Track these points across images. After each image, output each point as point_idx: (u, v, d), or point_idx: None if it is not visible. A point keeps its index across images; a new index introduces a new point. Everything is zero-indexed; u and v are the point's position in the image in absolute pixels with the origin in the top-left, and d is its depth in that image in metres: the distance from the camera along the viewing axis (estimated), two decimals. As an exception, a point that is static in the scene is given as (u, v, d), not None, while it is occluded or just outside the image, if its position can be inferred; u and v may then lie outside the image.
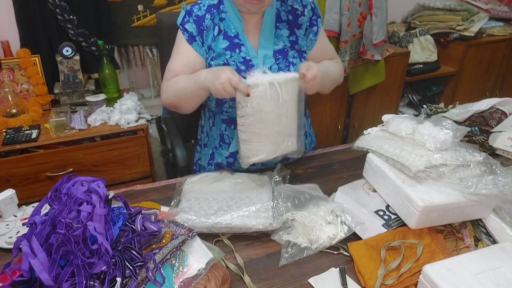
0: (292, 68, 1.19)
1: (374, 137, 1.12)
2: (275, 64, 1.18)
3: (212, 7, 1.17)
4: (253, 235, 0.97)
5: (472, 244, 0.93)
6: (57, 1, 1.84)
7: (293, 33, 1.21)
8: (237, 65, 1.16)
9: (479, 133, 1.18)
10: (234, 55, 1.16)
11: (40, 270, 0.68)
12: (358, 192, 1.09)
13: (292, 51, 1.21)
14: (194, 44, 1.16)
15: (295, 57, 1.21)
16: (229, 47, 1.16)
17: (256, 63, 1.16)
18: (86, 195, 0.78)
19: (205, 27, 1.15)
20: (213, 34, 1.16)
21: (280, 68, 1.18)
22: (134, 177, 1.89)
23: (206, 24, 1.15)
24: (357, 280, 0.85)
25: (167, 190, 1.16)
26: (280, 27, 1.20)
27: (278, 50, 1.19)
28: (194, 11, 1.17)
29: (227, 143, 1.27)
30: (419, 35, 2.71)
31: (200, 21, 1.16)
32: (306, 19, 1.23)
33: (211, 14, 1.16)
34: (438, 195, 0.91)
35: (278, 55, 1.18)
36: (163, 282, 0.77)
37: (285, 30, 1.21)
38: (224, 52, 1.15)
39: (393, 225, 0.97)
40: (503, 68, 3.02)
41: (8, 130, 1.73)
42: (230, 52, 1.16)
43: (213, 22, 1.16)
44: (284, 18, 1.21)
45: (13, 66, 1.85)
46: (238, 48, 1.16)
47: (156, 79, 2.35)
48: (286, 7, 1.21)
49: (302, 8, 1.22)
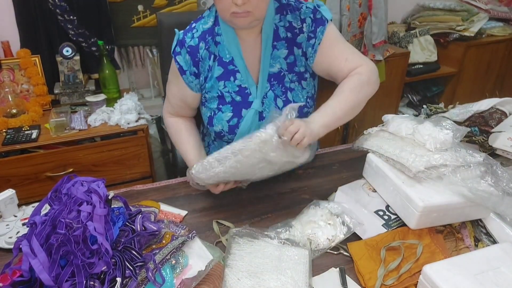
0: (290, 95, 1.09)
1: (374, 137, 1.12)
2: (270, 90, 1.08)
3: (206, 34, 1.06)
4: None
5: (472, 244, 0.93)
6: (57, 1, 1.84)
7: (291, 53, 1.09)
8: (232, 96, 1.09)
9: (479, 134, 1.18)
10: (228, 84, 1.08)
11: (40, 270, 0.68)
12: (358, 192, 1.09)
13: (290, 75, 1.09)
14: (184, 77, 1.10)
15: (293, 81, 1.10)
16: (223, 75, 1.08)
17: (252, 91, 1.08)
18: (86, 195, 0.78)
19: (200, 58, 1.07)
20: (209, 64, 1.08)
21: (277, 95, 1.09)
22: (134, 177, 1.90)
23: (201, 54, 1.06)
24: (357, 280, 0.85)
25: (167, 190, 1.16)
26: (277, 46, 1.07)
27: (273, 74, 1.08)
28: (186, 41, 1.07)
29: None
30: (419, 36, 2.71)
31: (194, 52, 1.06)
32: (305, 36, 1.07)
33: (205, 42, 1.06)
34: (438, 196, 0.91)
35: (273, 80, 1.08)
36: (163, 282, 0.77)
37: (283, 49, 1.08)
38: (217, 83, 1.09)
39: (393, 225, 0.97)
40: (503, 69, 3.01)
41: (8, 130, 1.73)
42: (223, 82, 1.08)
43: (208, 51, 1.07)
44: (282, 35, 1.07)
45: (13, 66, 1.85)
46: (233, 76, 1.08)
47: (156, 80, 2.35)
48: (284, 22, 1.07)
49: (300, 24, 1.07)
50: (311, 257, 0.88)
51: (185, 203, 1.10)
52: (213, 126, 1.13)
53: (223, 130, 1.12)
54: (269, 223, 1.00)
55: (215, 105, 1.11)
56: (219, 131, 1.13)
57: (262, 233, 0.93)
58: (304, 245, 0.91)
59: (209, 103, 1.13)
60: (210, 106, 1.13)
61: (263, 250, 0.88)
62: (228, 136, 1.13)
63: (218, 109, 1.11)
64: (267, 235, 0.93)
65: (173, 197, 1.13)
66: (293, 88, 1.11)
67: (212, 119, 1.13)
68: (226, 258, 0.86)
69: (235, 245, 0.90)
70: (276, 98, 1.10)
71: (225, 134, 1.13)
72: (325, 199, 1.11)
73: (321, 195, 1.13)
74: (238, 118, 1.10)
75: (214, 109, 1.12)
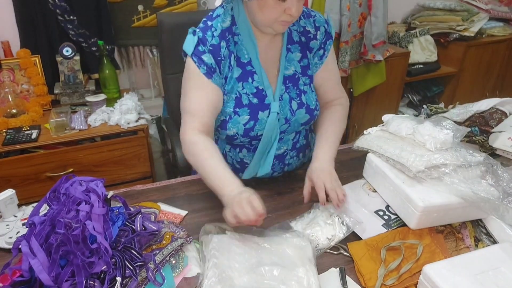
0: (304, 97, 1.09)
1: (374, 137, 1.11)
2: (285, 92, 1.08)
3: (226, 32, 1.02)
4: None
5: (472, 244, 0.93)
6: (57, 1, 1.84)
7: (305, 56, 1.10)
8: (249, 99, 1.05)
9: (479, 134, 1.18)
10: (246, 86, 1.05)
11: (40, 270, 0.68)
12: (358, 192, 1.09)
13: (303, 78, 1.10)
14: (214, 76, 1.01)
15: (306, 84, 1.11)
16: (241, 76, 1.05)
17: (269, 94, 1.06)
18: (84, 195, 0.78)
19: (222, 57, 1.02)
20: (229, 63, 1.04)
21: (292, 97, 1.08)
22: (134, 177, 1.90)
23: (223, 53, 1.01)
24: (357, 280, 0.85)
25: (167, 190, 1.16)
26: (291, 50, 1.08)
27: (288, 76, 1.08)
28: (208, 40, 1.01)
29: (230, 163, 1.17)
30: (419, 35, 2.71)
31: (217, 51, 1.01)
32: (318, 43, 1.10)
33: (226, 41, 1.02)
34: (438, 196, 0.91)
35: (289, 83, 1.08)
36: (163, 282, 0.77)
37: (296, 53, 1.09)
38: (237, 84, 1.05)
39: (393, 225, 0.97)
40: (503, 69, 3.01)
41: (9, 130, 1.73)
42: (242, 83, 1.05)
43: (229, 50, 1.03)
44: (296, 39, 1.09)
45: (13, 66, 1.85)
46: (251, 77, 1.05)
47: (156, 80, 2.35)
48: (298, 27, 1.09)
49: (314, 30, 1.09)
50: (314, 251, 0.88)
51: (185, 203, 1.10)
52: (227, 130, 1.07)
53: (237, 133, 1.07)
54: (269, 223, 1.00)
55: (231, 109, 1.06)
56: (233, 135, 1.07)
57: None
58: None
59: (225, 106, 1.07)
60: (225, 109, 1.07)
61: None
62: (241, 139, 1.08)
63: (234, 112, 1.06)
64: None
65: (173, 197, 1.13)
66: (306, 91, 1.11)
67: (226, 123, 1.07)
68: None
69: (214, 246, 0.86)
70: (291, 100, 1.09)
71: (238, 137, 1.08)
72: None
73: (321, 195, 1.12)
74: (255, 121, 1.06)
75: (230, 112, 1.06)
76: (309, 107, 1.11)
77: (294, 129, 1.13)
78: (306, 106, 1.10)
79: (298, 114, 1.09)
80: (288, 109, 1.09)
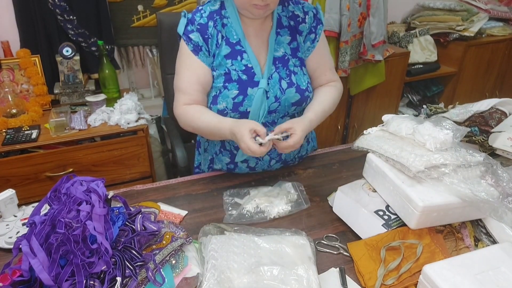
0: (294, 78, 1.15)
1: (374, 137, 1.11)
2: (275, 72, 1.14)
3: (214, 13, 1.12)
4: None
5: (472, 244, 0.93)
6: (57, 1, 1.84)
7: (294, 39, 1.17)
8: (238, 75, 1.12)
9: (479, 133, 1.18)
10: (235, 63, 1.12)
11: (40, 270, 0.68)
12: (358, 192, 1.09)
13: (293, 59, 1.17)
14: (200, 54, 1.12)
15: (296, 66, 1.17)
16: (230, 55, 1.12)
17: (257, 72, 1.12)
18: (85, 195, 0.78)
19: (209, 35, 1.11)
20: (216, 41, 1.12)
21: (281, 77, 1.14)
22: (134, 177, 1.90)
23: (210, 32, 1.11)
24: (357, 280, 0.85)
25: (167, 190, 1.16)
26: (281, 33, 1.16)
27: (278, 57, 1.15)
28: (196, 19, 1.12)
29: (228, 150, 1.22)
30: (419, 35, 2.72)
31: (204, 29, 1.11)
32: (307, 26, 1.18)
33: (213, 21, 1.12)
34: (438, 195, 0.91)
35: (278, 63, 1.15)
36: (163, 282, 0.77)
37: (286, 36, 1.16)
38: (225, 61, 1.12)
39: (393, 225, 0.97)
40: (502, 68, 3.02)
41: (8, 130, 1.73)
42: (231, 60, 1.12)
43: (216, 29, 1.12)
44: (285, 23, 1.17)
45: (13, 66, 1.85)
46: (240, 55, 1.13)
47: (156, 79, 2.35)
48: (287, 12, 1.17)
49: (303, 15, 1.18)
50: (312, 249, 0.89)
51: (185, 203, 1.10)
52: (217, 104, 1.13)
53: (226, 107, 1.12)
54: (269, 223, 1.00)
55: (221, 83, 1.13)
56: (223, 109, 1.12)
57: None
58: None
59: (215, 82, 1.14)
60: (215, 84, 1.14)
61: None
62: (231, 114, 1.13)
63: (224, 87, 1.12)
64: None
65: (173, 197, 1.13)
66: (296, 72, 1.16)
67: (217, 98, 1.13)
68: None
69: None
70: (280, 79, 1.14)
71: (228, 112, 1.12)
72: (325, 199, 1.11)
73: (321, 195, 1.13)
74: (244, 96, 1.11)
75: (219, 87, 1.13)
76: (299, 87, 1.15)
77: (285, 109, 1.16)
78: (296, 86, 1.15)
79: (288, 93, 1.14)
80: (278, 88, 1.13)
